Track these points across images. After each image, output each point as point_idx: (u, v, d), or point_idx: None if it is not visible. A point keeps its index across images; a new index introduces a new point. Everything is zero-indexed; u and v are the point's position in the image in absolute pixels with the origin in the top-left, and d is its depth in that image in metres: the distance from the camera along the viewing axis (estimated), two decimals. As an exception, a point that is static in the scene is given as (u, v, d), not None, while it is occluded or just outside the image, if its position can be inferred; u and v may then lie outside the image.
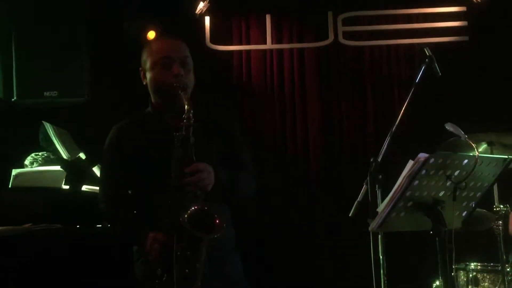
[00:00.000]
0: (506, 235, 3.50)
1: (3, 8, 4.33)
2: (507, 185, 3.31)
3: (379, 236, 2.79)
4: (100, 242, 2.88)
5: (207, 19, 5.44)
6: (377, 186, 2.67)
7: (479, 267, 3.52)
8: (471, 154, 2.23)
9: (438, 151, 2.88)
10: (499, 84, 5.10)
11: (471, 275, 3.50)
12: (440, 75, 2.93)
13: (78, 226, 2.97)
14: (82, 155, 3.40)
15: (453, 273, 3.36)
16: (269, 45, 5.46)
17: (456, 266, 3.46)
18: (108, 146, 2.50)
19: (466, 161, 2.21)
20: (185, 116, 2.29)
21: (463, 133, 2.49)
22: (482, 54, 5.24)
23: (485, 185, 2.36)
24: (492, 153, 3.39)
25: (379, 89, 5.41)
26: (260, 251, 4.87)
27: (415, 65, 5.24)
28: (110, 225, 2.67)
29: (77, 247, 2.88)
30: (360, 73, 5.44)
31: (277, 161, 5.34)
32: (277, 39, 5.48)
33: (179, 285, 2.15)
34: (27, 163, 3.43)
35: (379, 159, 2.71)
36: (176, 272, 2.15)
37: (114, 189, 2.45)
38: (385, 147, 2.76)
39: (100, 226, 2.96)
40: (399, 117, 2.81)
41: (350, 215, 2.85)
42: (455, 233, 2.26)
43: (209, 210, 2.22)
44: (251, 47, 5.48)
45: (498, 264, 3.37)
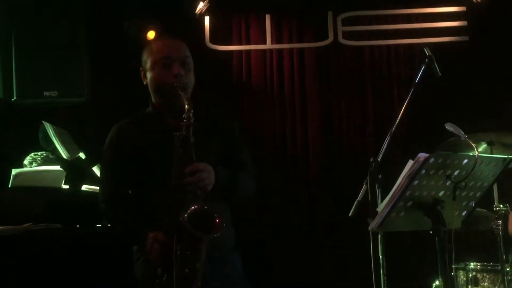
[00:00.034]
0: (505, 235, 3.50)
1: (3, 8, 4.32)
2: (507, 185, 3.31)
3: (379, 236, 2.78)
4: (100, 242, 2.88)
5: (207, 19, 5.44)
6: (377, 185, 2.67)
7: (479, 267, 3.51)
8: (471, 154, 2.23)
9: (438, 151, 2.88)
10: (499, 84, 5.10)
11: (470, 275, 3.50)
12: (440, 75, 2.93)
13: (78, 226, 2.97)
14: (82, 155, 3.39)
15: (452, 273, 3.38)
16: (269, 45, 5.45)
17: (455, 266, 3.46)
18: (108, 146, 2.51)
19: (466, 161, 2.21)
20: (185, 115, 2.29)
21: (463, 133, 2.49)
22: (482, 54, 5.23)
23: (485, 185, 2.36)
24: (492, 153, 3.39)
25: (379, 89, 5.40)
26: (260, 251, 4.87)
27: (415, 65, 5.23)
28: (110, 225, 2.67)
29: (77, 247, 2.87)
30: (360, 73, 5.44)
31: (277, 161, 5.34)
32: (277, 39, 5.47)
33: (179, 285, 2.15)
34: (26, 162, 3.43)
35: (379, 159, 2.71)
36: (176, 271, 2.15)
37: (114, 189, 2.45)
38: (385, 147, 2.76)
39: (100, 226, 2.96)
40: (399, 117, 2.81)
41: (350, 215, 2.86)
42: (455, 233, 2.27)
43: (209, 209, 2.22)
44: (251, 47, 5.47)
45: (497, 264, 3.37)
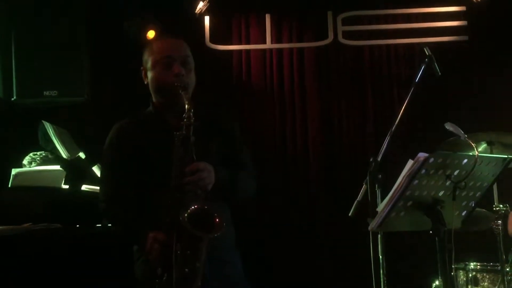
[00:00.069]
0: (505, 235, 3.50)
1: (3, 7, 4.32)
2: (507, 184, 3.31)
3: (379, 235, 2.78)
4: (100, 242, 2.87)
5: (207, 19, 5.44)
6: (376, 185, 2.66)
7: (479, 266, 3.51)
8: (471, 153, 2.23)
9: (437, 150, 2.88)
10: (499, 84, 5.10)
11: (470, 275, 3.50)
12: (439, 74, 2.93)
13: (78, 226, 2.97)
14: (81, 155, 3.39)
15: (452, 273, 3.38)
16: (268, 45, 5.45)
17: (455, 265, 3.46)
18: (108, 145, 2.50)
19: (465, 160, 2.21)
20: (185, 115, 2.29)
21: (463, 132, 2.49)
22: (481, 53, 5.24)
23: (485, 184, 2.36)
24: (491, 153, 3.39)
25: (378, 89, 5.40)
26: (260, 251, 4.87)
27: (414, 64, 5.23)
28: (110, 225, 2.67)
29: (77, 247, 2.87)
30: (359, 73, 5.44)
31: (277, 161, 5.33)
32: (276, 39, 5.47)
33: (179, 285, 2.15)
34: (25, 162, 3.42)
35: (379, 159, 2.70)
36: (176, 271, 2.15)
37: (114, 189, 2.45)
38: (385, 146, 2.76)
39: (100, 226, 2.96)
40: (399, 117, 2.81)
41: (349, 215, 2.85)
42: (455, 233, 2.26)
43: (209, 209, 2.22)
44: (250, 47, 5.47)
45: (497, 263, 3.37)
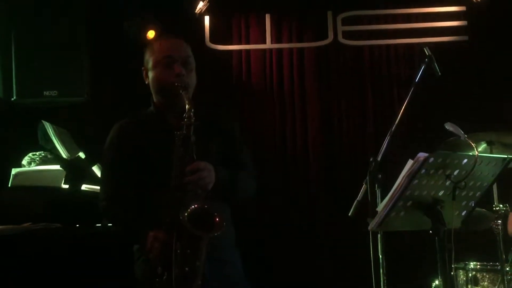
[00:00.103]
0: (505, 235, 3.50)
1: (3, 7, 4.32)
2: (507, 184, 3.31)
3: (379, 235, 2.78)
4: (100, 241, 2.87)
5: (207, 19, 5.44)
6: (376, 185, 2.66)
7: (479, 266, 3.51)
8: (471, 153, 2.23)
9: (437, 150, 2.87)
10: (498, 83, 5.10)
11: (470, 275, 3.50)
12: (439, 74, 2.93)
13: (77, 225, 2.97)
14: (81, 155, 3.39)
15: (452, 273, 3.37)
16: (268, 45, 5.45)
17: (455, 265, 3.46)
18: (109, 145, 2.51)
19: (465, 160, 2.21)
20: (186, 115, 2.29)
21: (463, 132, 2.49)
22: (481, 53, 5.24)
23: (485, 184, 2.36)
24: (491, 153, 3.39)
25: (378, 89, 5.40)
26: (260, 251, 4.87)
27: (414, 64, 5.23)
28: (110, 224, 2.66)
29: (77, 247, 2.87)
30: (359, 73, 5.44)
31: (277, 161, 5.33)
32: (276, 39, 5.47)
33: (179, 284, 2.15)
34: (24, 163, 3.42)
35: (379, 159, 2.71)
36: (175, 270, 2.15)
37: (114, 189, 2.45)
38: (385, 146, 2.76)
39: (99, 225, 2.95)
40: (399, 117, 2.81)
41: (349, 215, 2.85)
42: (455, 233, 2.27)
43: (209, 208, 2.22)
44: (250, 47, 5.47)
45: (497, 263, 3.37)
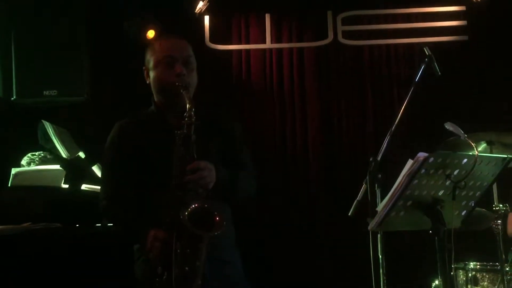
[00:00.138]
0: (505, 235, 3.50)
1: (3, 7, 4.32)
2: (507, 184, 3.31)
3: (379, 235, 2.78)
4: (100, 241, 2.87)
5: (207, 18, 5.44)
6: (376, 185, 2.66)
7: (478, 266, 3.51)
8: (471, 153, 2.23)
9: (437, 150, 2.88)
10: (498, 83, 5.10)
11: (470, 275, 3.50)
12: (439, 74, 2.93)
13: (77, 225, 2.97)
14: (81, 154, 3.39)
15: (452, 273, 3.37)
16: (268, 45, 5.45)
17: (455, 265, 3.45)
18: (109, 144, 2.51)
19: (465, 160, 2.21)
20: (186, 114, 2.29)
21: (463, 132, 2.49)
22: (481, 53, 5.24)
23: (485, 184, 2.36)
24: (491, 153, 3.39)
25: (378, 89, 5.40)
26: (260, 251, 4.87)
27: (414, 64, 5.23)
28: (110, 224, 2.66)
29: (77, 247, 2.87)
30: (359, 73, 5.44)
31: (277, 161, 5.33)
32: (276, 38, 5.47)
33: (179, 284, 2.15)
34: (24, 163, 3.41)
35: (379, 158, 2.71)
36: (175, 270, 2.15)
37: (115, 188, 2.45)
38: (385, 146, 2.76)
39: (99, 225, 2.95)
40: (399, 117, 2.81)
41: (349, 215, 2.85)
42: (455, 233, 2.27)
43: (209, 207, 2.22)
44: (250, 46, 5.47)
45: (497, 263, 3.37)
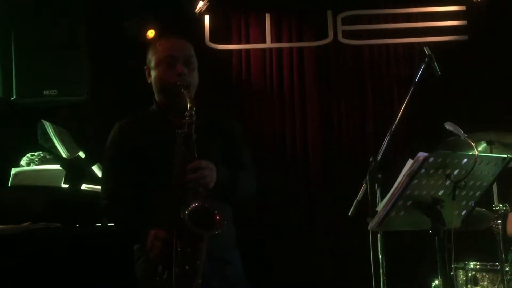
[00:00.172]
0: (505, 235, 3.50)
1: (3, 7, 4.32)
2: (507, 184, 3.31)
3: (379, 235, 2.78)
4: (100, 241, 2.87)
5: (207, 18, 5.44)
6: (376, 185, 2.66)
7: (478, 266, 3.51)
8: (471, 153, 2.23)
9: (437, 150, 2.88)
10: (498, 83, 5.10)
11: (470, 274, 3.49)
12: (439, 74, 2.93)
13: (77, 225, 2.97)
14: (81, 154, 3.39)
15: (452, 272, 3.37)
16: (268, 44, 5.45)
17: (455, 265, 3.45)
18: (110, 144, 2.51)
19: (465, 160, 2.21)
20: (187, 113, 2.29)
21: (463, 132, 2.49)
22: (481, 53, 5.24)
23: (485, 184, 2.36)
24: (491, 152, 3.39)
25: (378, 88, 5.40)
26: (260, 251, 4.87)
27: (414, 64, 5.23)
28: (110, 223, 2.66)
29: (77, 247, 2.87)
30: (359, 72, 5.44)
31: (277, 161, 5.33)
32: (276, 38, 5.47)
33: (179, 282, 2.15)
34: (23, 163, 3.40)
35: (379, 158, 2.70)
36: (176, 269, 2.15)
37: (115, 187, 2.45)
38: (385, 146, 2.76)
39: (99, 225, 2.95)
40: (399, 116, 2.81)
41: (349, 214, 2.85)
42: (454, 232, 2.27)
43: (209, 207, 2.22)
44: (250, 46, 5.47)
45: (497, 263, 3.36)
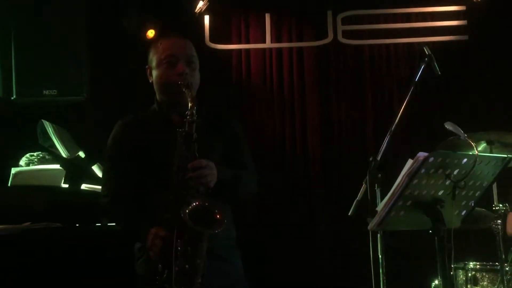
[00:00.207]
0: (505, 234, 3.50)
1: (3, 6, 4.32)
2: (506, 184, 3.31)
3: (378, 235, 2.78)
4: (100, 241, 2.88)
5: (207, 18, 5.44)
6: (376, 185, 2.67)
7: (478, 266, 3.50)
8: (471, 153, 2.23)
9: (437, 150, 2.88)
10: (498, 83, 5.10)
11: (470, 274, 3.49)
12: (439, 74, 2.93)
13: (78, 225, 2.97)
14: (81, 154, 3.39)
15: (452, 272, 3.37)
16: (268, 44, 5.45)
17: (455, 265, 3.45)
18: (111, 142, 2.51)
19: (465, 160, 2.21)
20: (188, 112, 2.29)
21: (463, 132, 2.49)
22: (481, 53, 5.25)
23: (484, 184, 2.36)
24: (491, 152, 3.38)
25: (378, 88, 5.40)
26: (260, 251, 4.87)
27: (414, 64, 5.22)
28: (111, 222, 2.66)
29: (77, 246, 2.87)
30: (359, 72, 5.44)
31: (277, 161, 5.33)
32: (276, 38, 5.47)
33: (179, 281, 2.15)
34: (22, 163, 3.40)
35: (379, 158, 2.71)
36: (175, 267, 2.15)
37: (116, 186, 2.45)
38: (385, 146, 2.76)
39: (99, 225, 2.96)
40: (399, 116, 2.81)
41: (349, 214, 2.85)
42: (454, 232, 2.27)
43: (210, 205, 2.22)
44: (250, 46, 5.47)
45: (497, 263, 3.36)
